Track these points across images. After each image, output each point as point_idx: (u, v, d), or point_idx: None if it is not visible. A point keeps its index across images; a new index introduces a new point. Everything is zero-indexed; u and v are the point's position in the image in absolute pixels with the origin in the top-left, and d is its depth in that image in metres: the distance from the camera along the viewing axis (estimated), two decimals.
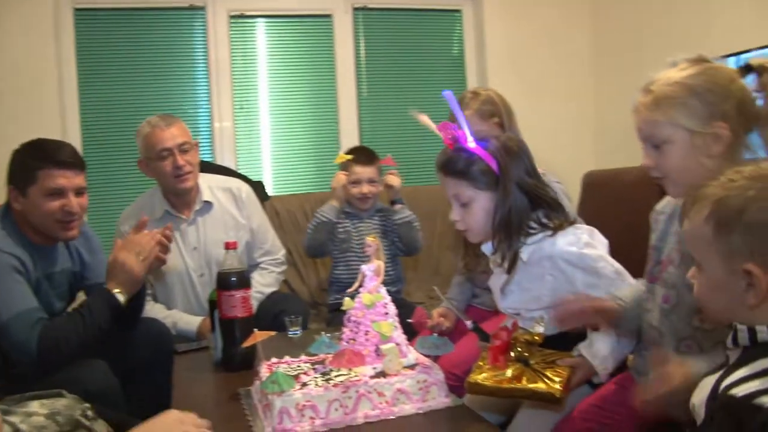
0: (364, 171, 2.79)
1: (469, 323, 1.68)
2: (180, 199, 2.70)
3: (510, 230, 1.59)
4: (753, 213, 1.01)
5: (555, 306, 1.49)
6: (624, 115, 2.15)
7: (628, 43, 3.75)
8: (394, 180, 2.78)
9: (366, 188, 2.78)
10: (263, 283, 2.75)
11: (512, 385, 1.45)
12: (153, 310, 2.60)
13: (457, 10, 4.27)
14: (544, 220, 1.62)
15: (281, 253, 2.91)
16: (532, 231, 1.61)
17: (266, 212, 3.10)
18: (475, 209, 1.61)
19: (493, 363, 1.52)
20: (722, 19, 3.05)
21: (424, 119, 1.72)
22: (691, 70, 1.38)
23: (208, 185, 2.77)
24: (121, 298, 2.04)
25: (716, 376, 1.06)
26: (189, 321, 2.61)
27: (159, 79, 3.77)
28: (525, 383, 1.44)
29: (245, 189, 2.86)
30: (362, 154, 2.86)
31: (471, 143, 1.59)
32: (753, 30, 2.80)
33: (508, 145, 1.63)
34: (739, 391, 0.97)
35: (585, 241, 1.57)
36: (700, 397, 1.08)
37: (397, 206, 2.82)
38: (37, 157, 2.07)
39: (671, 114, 1.36)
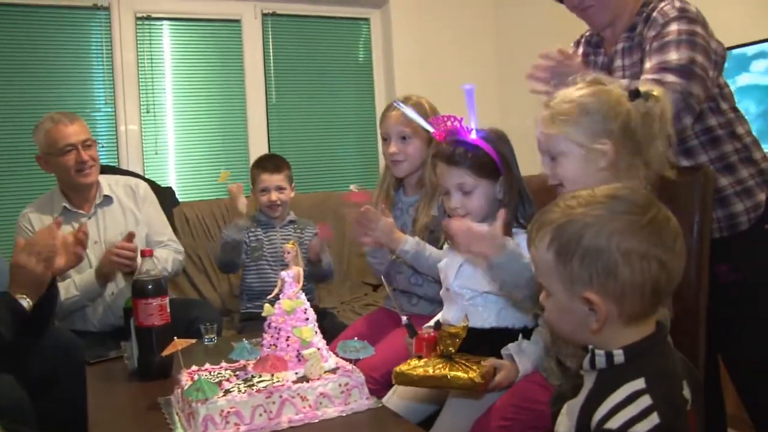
0: (271, 179, 2.79)
1: (404, 318, 1.75)
2: (79, 194, 2.69)
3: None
4: (589, 239, 1.03)
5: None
6: (528, 122, 2.28)
7: (532, 50, 3.90)
8: (321, 249, 2.73)
9: (275, 196, 2.78)
10: (161, 257, 2.68)
11: (434, 374, 1.54)
12: None
13: (365, 19, 4.35)
14: (521, 220, 1.78)
15: (180, 246, 2.89)
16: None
17: (176, 218, 3.07)
18: (476, 196, 1.76)
19: (418, 351, 1.63)
20: None
21: (409, 111, 1.92)
22: (585, 90, 1.50)
23: (107, 182, 2.79)
24: (25, 303, 1.97)
25: (578, 401, 1.08)
26: (84, 276, 2.56)
27: (58, 80, 3.66)
28: (447, 372, 1.53)
29: (143, 185, 2.89)
30: (269, 162, 2.86)
31: (473, 135, 1.73)
32: None
33: (501, 135, 1.81)
34: (615, 422, 0.98)
35: None
36: (566, 425, 1.10)
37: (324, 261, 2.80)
38: None
39: (565, 129, 1.49)
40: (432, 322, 1.81)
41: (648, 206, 1.06)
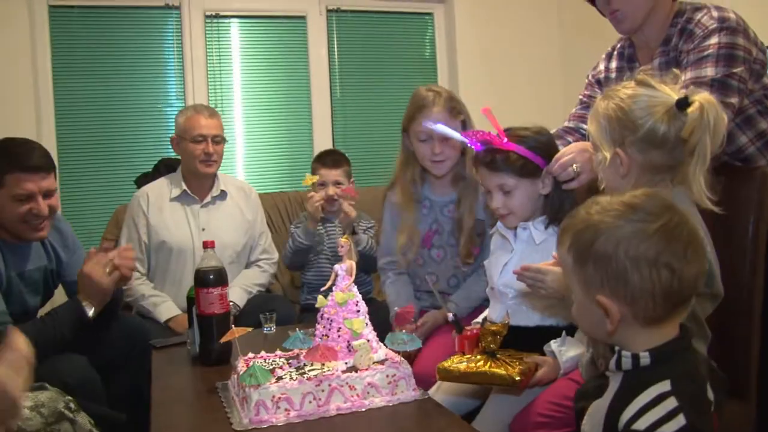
0: (329, 173, 2.85)
1: (450, 315, 1.80)
2: (199, 182, 2.92)
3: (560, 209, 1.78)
4: (599, 245, 1.07)
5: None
6: None
7: (596, 43, 3.86)
8: (350, 210, 2.76)
9: (332, 190, 2.83)
10: (257, 282, 2.96)
11: (475, 370, 1.57)
12: (142, 286, 2.79)
13: (429, 14, 4.37)
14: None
15: (276, 255, 3.08)
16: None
17: None
18: (517, 196, 1.80)
19: (460, 349, 1.67)
20: None
21: (443, 128, 1.94)
22: (627, 92, 1.47)
23: (224, 180, 3.01)
24: (90, 310, 2.08)
25: (604, 402, 1.11)
26: (164, 311, 2.74)
27: (133, 76, 3.81)
28: (487, 368, 1.56)
29: (254, 191, 3.13)
30: (329, 157, 2.94)
31: (505, 140, 1.76)
32: None
33: (539, 131, 1.84)
34: (642, 424, 1.02)
35: None
36: (591, 424, 1.13)
37: (353, 237, 2.80)
38: (5, 161, 2.05)
39: (592, 129, 1.52)
40: (479, 319, 1.84)
41: (660, 214, 1.08)
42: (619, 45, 2.19)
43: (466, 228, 2.23)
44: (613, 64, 2.18)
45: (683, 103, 1.39)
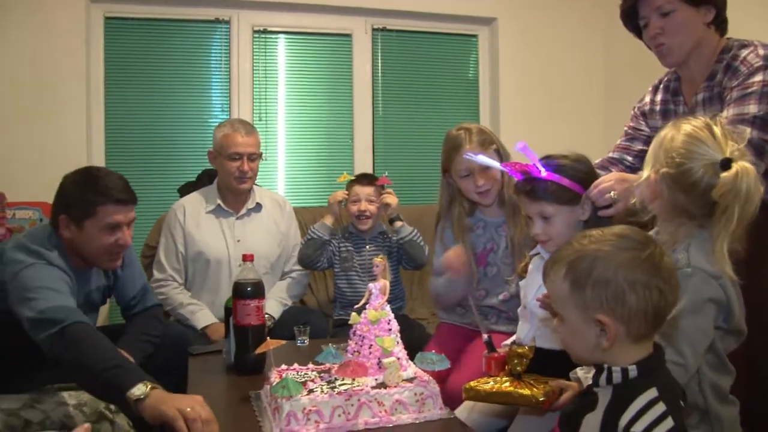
0: (362, 190, 2.96)
1: (485, 336, 1.83)
2: (234, 196, 3.01)
3: None
4: (599, 271, 1.20)
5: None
6: None
7: (640, 70, 3.87)
8: (391, 199, 2.89)
9: (364, 205, 2.92)
10: (291, 294, 3.05)
11: (500, 390, 1.61)
12: (180, 295, 2.89)
13: (474, 35, 4.42)
14: None
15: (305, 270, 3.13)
16: None
17: None
18: (557, 222, 1.83)
19: (487, 370, 1.71)
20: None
21: (483, 158, 1.98)
22: (688, 127, 1.48)
23: (259, 192, 3.09)
24: (138, 390, 1.69)
25: (598, 414, 1.22)
26: (201, 318, 2.82)
27: (182, 87, 3.94)
28: (512, 389, 1.60)
29: (288, 204, 3.21)
30: (365, 177, 3.06)
31: (543, 173, 1.79)
32: None
33: (577, 158, 1.86)
34: (639, 426, 1.15)
35: None
36: None
37: (398, 223, 2.92)
38: (97, 193, 2.10)
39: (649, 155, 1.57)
40: (509, 341, 1.87)
41: (646, 243, 1.23)
42: (666, 78, 2.21)
43: (517, 244, 2.27)
44: (659, 97, 2.20)
45: (724, 165, 1.41)
